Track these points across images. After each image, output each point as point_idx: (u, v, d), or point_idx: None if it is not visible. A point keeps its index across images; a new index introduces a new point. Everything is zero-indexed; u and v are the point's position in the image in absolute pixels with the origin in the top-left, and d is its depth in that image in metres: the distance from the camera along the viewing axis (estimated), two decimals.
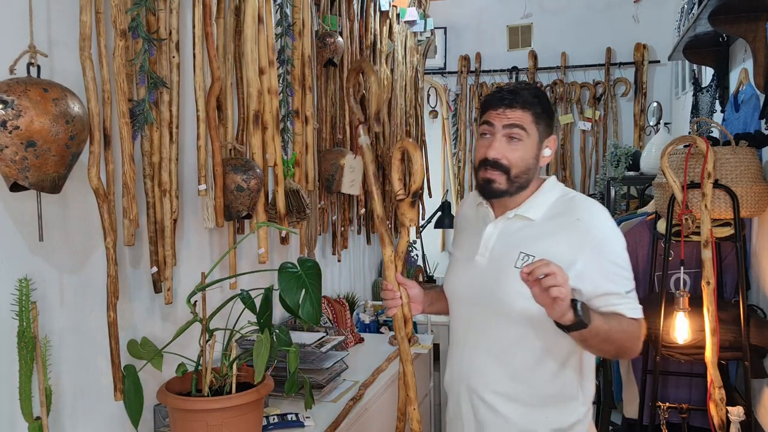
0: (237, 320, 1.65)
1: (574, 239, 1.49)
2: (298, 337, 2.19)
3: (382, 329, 3.08)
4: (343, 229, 3.04)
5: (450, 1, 4.87)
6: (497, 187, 1.54)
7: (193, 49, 1.81)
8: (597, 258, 1.47)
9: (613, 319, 1.44)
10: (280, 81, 2.29)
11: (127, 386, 1.51)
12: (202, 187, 1.84)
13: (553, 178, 1.62)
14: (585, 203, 1.55)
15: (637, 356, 1.55)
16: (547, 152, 1.57)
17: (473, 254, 1.62)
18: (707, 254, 2.25)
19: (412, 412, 1.62)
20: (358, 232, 3.31)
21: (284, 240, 2.46)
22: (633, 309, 1.48)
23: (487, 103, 1.57)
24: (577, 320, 1.34)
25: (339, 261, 3.14)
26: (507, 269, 1.52)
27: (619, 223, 2.91)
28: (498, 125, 1.53)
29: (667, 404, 2.45)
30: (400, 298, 1.64)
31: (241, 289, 1.65)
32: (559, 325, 1.37)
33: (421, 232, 4.01)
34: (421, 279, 4.04)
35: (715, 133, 2.76)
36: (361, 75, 3.11)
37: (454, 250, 1.76)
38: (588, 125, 4.68)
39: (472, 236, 1.66)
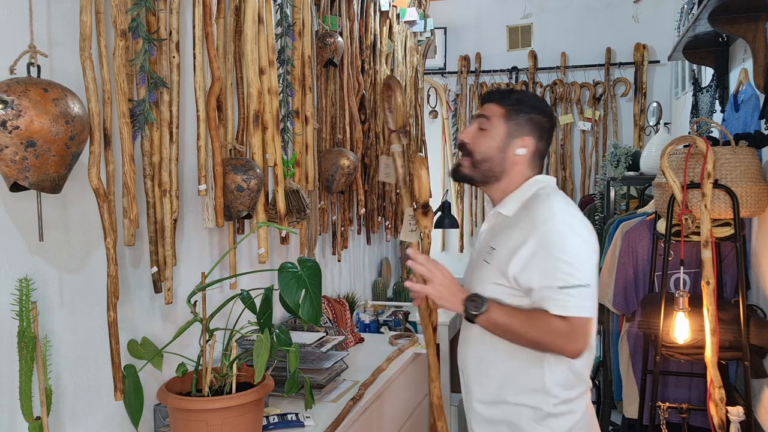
0: (237, 320, 1.65)
1: (524, 229, 1.54)
2: (298, 337, 2.19)
3: (382, 329, 3.08)
4: (343, 229, 3.04)
5: (450, 1, 4.87)
6: (462, 170, 1.67)
7: (193, 49, 1.82)
8: (539, 249, 1.50)
9: (523, 314, 1.51)
10: (280, 81, 2.29)
11: (128, 386, 1.51)
12: (202, 187, 1.84)
13: (537, 177, 1.66)
14: (545, 198, 1.58)
15: (575, 356, 1.54)
16: (521, 151, 1.62)
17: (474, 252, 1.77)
18: (707, 254, 2.25)
19: (433, 389, 1.72)
20: (358, 232, 3.32)
21: (284, 240, 2.46)
22: (561, 305, 1.47)
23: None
24: (465, 313, 1.54)
25: (339, 261, 3.14)
26: (480, 263, 1.64)
27: (619, 224, 2.93)
28: (475, 118, 1.69)
29: (667, 404, 2.45)
30: None
31: (241, 289, 1.65)
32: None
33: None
34: None
35: (715, 133, 2.76)
36: (359, 74, 3.12)
37: None
38: (588, 125, 4.68)
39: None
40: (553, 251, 1.48)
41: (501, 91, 1.68)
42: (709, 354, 2.22)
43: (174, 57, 1.70)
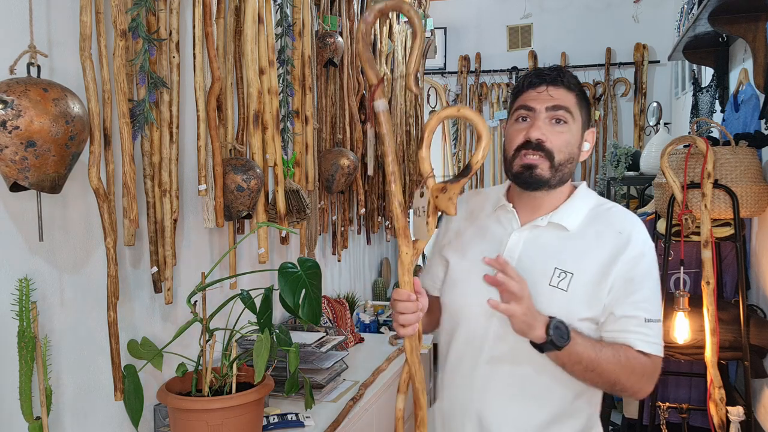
0: (237, 320, 1.65)
1: (613, 252, 1.30)
2: (298, 337, 2.19)
3: (382, 329, 3.08)
4: (343, 229, 3.04)
5: (450, 1, 4.87)
6: (540, 173, 1.31)
7: (193, 49, 1.82)
8: (629, 275, 1.29)
9: (609, 349, 1.26)
10: (280, 81, 2.29)
11: (128, 386, 1.51)
12: (202, 187, 1.84)
13: (584, 184, 1.43)
14: (627, 216, 1.37)
15: (643, 398, 1.36)
16: (587, 146, 1.38)
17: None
18: (707, 254, 2.25)
19: None
20: (358, 232, 3.31)
21: (284, 240, 2.46)
22: (647, 341, 1.27)
23: (525, 85, 1.35)
24: (547, 340, 1.22)
25: (339, 261, 3.14)
26: (541, 287, 1.30)
27: None
28: (539, 108, 1.31)
29: (667, 404, 2.45)
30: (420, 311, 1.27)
31: (241, 289, 1.65)
32: (533, 343, 1.25)
33: None
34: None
35: (715, 133, 2.76)
36: (359, 74, 3.10)
37: (450, 255, 1.45)
38: None
39: (484, 243, 1.41)
40: (647, 278, 1.29)
41: (563, 72, 1.34)
42: (709, 354, 2.22)
43: (174, 57, 1.70)
